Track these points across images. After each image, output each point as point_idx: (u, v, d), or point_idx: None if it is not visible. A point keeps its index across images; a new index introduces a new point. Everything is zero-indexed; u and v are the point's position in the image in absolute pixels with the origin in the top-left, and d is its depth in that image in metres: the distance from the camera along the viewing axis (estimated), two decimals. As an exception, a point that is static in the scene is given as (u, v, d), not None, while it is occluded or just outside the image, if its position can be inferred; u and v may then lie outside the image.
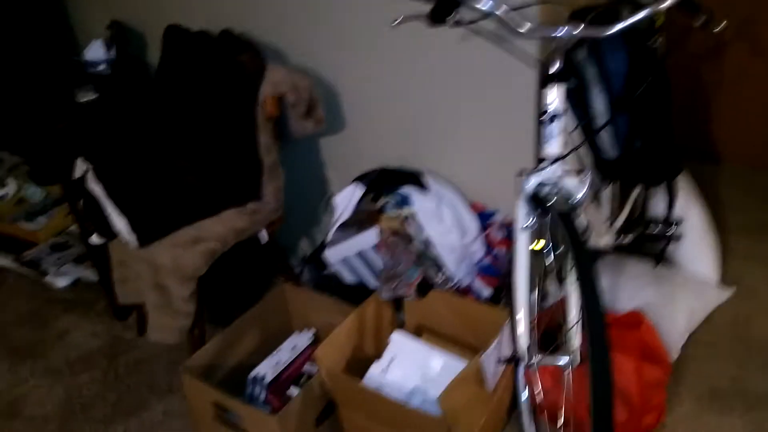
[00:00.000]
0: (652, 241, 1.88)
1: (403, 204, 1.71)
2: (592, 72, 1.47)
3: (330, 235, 1.81)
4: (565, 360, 1.22)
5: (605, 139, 1.55)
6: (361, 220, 1.74)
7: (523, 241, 1.29)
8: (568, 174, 1.21)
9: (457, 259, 1.73)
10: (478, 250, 1.79)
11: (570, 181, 1.20)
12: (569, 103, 1.30)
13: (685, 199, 1.89)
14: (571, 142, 1.33)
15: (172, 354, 1.98)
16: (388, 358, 1.55)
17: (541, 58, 1.27)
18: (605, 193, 1.75)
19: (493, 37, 1.53)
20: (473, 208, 1.83)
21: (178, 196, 1.74)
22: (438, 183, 1.80)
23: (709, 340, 1.80)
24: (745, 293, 1.93)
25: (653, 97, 1.45)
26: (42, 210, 2.55)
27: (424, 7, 1.10)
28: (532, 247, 1.28)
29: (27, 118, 2.13)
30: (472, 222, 1.78)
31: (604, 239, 1.68)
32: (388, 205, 1.71)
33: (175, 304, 1.64)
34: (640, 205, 1.91)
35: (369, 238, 1.69)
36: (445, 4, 1.07)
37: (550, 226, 1.22)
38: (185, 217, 1.70)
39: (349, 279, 1.87)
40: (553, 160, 1.20)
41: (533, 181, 1.22)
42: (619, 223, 1.83)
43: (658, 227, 1.85)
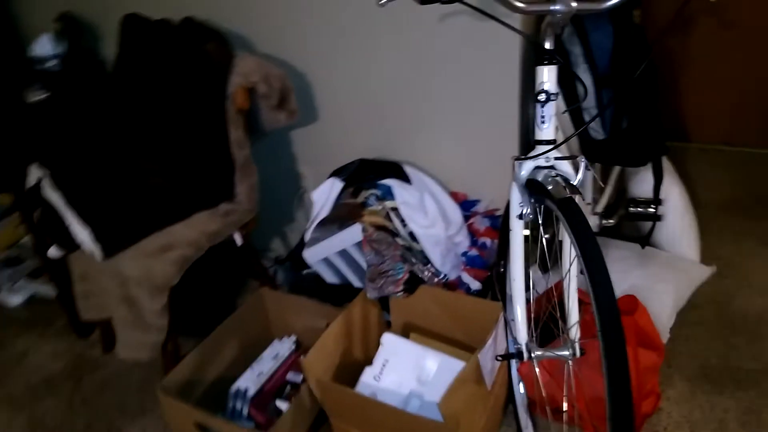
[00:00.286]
0: (635, 220, 1.86)
1: (385, 197, 1.63)
2: (577, 51, 1.43)
3: (309, 233, 1.73)
4: (565, 353, 1.17)
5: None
6: (341, 216, 1.66)
7: (518, 230, 1.24)
8: (563, 158, 1.16)
9: (443, 252, 1.67)
10: (463, 242, 1.74)
11: (565, 166, 1.15)
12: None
13: (666, 179, 1.88)
14: (561, 126, 1.29)
15: (142, 370, 1.87)
16: (381, 361, 1.47)
17: (533, 38, 1.21)
18: (588, 175, 1.72)
19: (480, 16, 1.47)
20: (455, 197, 1.77)
21: (145, 200, 1.62)
22: (419, 174, 1.73)
23: (694, 320, 1.80)
24: (724, 270, 1.95)
25: (640, 74, 1.42)
26: (-11, 222, 2.40)
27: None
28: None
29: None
30: (455, 213, 1.73)
31: (589, 223, 1.65)
32: (370, 198, 1.63)
33: (146, 318, 1.53)
34: (618, 187, 1.89)
35: (352, 234, 1.60)
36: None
37: (543, 213, 1.17)
38: (153, 223, 1.59)
39: (330, 279, 1.79)
40: (552, 144, 1.14)
41: (528, 167, 1.16)
42: (601, 206, 1.81)
43: (639, 208, 1.83)
